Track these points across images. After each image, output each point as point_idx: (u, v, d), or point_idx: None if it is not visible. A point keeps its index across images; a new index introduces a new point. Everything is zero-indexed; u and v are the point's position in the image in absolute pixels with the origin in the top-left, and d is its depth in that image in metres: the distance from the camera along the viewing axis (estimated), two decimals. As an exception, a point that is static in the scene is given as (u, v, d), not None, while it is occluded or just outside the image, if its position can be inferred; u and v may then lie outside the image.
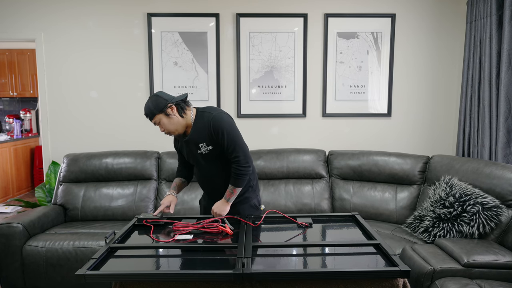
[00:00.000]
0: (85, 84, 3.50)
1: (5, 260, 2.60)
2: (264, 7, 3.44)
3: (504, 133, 2.82)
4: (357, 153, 3.26)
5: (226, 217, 2.06)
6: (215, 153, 2.04)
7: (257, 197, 2.26)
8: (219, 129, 1.97)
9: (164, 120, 1.98)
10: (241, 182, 2.05)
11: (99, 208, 3.11)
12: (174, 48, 3.45)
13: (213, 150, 2.03)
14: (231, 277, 1.43)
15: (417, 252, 2.24)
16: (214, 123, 1.98)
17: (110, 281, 1.47)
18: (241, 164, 2.01)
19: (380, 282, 1.50)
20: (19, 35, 3.44)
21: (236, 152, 2.00)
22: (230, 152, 2.01)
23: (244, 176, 2.04)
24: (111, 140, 3.56)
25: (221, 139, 1.99)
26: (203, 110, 2.07)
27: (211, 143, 2.02)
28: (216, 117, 1.99)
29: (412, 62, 3.53)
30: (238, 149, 2.01)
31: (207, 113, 2.03)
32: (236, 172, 2.02)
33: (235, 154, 2.01)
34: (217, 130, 1.97)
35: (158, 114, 1.97)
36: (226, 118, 2.01)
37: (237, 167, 2.02)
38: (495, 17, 2.88)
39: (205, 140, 2.02)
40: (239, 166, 2.01)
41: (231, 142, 1.99)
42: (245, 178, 2.04)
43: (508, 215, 2.38)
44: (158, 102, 1.96)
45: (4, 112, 6.57)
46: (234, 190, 2.06)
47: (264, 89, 3.52)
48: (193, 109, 2.07)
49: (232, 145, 1.99)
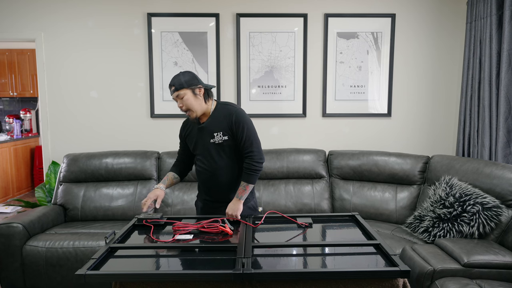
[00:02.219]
0: (85, 84, 3.50)
1: (5, 260, 2.60)
2: (264, 7, 3.44)
3: (504, 133, 2.82)
4: (357, 153, 3.26)
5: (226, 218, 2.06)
6: (228, 144, 2.08)
7: (254, 199, 2.26)
8: (240, 123, 2.05)
9: (189, 96, 2.02)
10: (254, 178, 2.09)
11: (99, 208, 3.11)
12: (174, 48, 3.45)
13: (228, 141, 2.08)
14: (231, 277, 1.43)
15: (417, 252, 2.24)
16: (237, 115, 2.06)
17: (110, 281, 1.47)
18: (255, 160, 2.07)
19: (380, 282, 1.50)
20: (19, 35, 3.44)
21: (252, 147, 2.07)
22: (247, 147, 2.07)
23: (257, 173, 2.09)
24: (111, 140, 3.56)
25: (240, 132, 2.06)
26: (225, 103, 2.16)
27: (228, 134, 2.07)
28: (239, 111, 2.09)
29: (412, 62, 3.53)
30: (255, 144, 2.09)
31: (230, 106, 2.12)
32: (250, 168, 2.07)
33: (251, 149, 2.07)
34: (239, 123, 2.05)
35: (187, 88, 2.02)
36: (246, 115, 2.12)
37: (251, 162, 2.07)
38: (495, 17, 2.88)
39: (222, 130, 2.07)
40: (253, 161, 2.07)
41: (249, 137, 2.07)
42: (257, 174, 2.10)
43: (508, 215, 2.38)
44: (192, 78, 2.04)
45: (4, 112, 6.57)
46: (247, 187, 2.08)
47: (264, 89, 3.52)
48: (214, 102, 2.15)
49: (249, 140, 2.07)
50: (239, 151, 2.13)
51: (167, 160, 3.25)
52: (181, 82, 2.01)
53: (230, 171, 2.13)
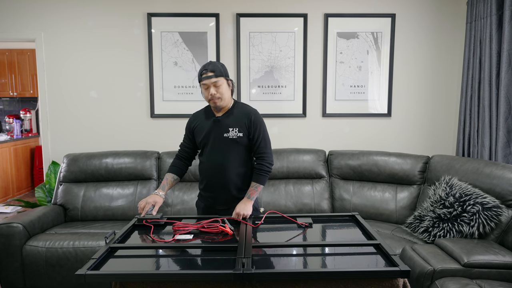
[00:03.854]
0: (85, 84, 3.50)
1: (5, 260, 2.60)
2: (264, 7, 3.44)
3: (504, 133, 2.82)
4: (357, 153, 3.26)
5: (226, 218, 2.06)
6: (241, 141, 2.11)
7: (256, 199, 2.25)
8: (258, 123, 2.12)
9: (225, 85, 2.08)
10: (265, 179, 2.14)
11: (99, 208, 3.11)
12: (174, 48, 3.45)
13: (242, 138, 2.11)
14: (231, 277, 1.43)
15: (417, 252, 2.24)
16: (256, 116, 2.14)
17: (110, 281, 1.47)
18: (267, 161, 2.14)
19: (380, 282, 1.50)
20: (19, 35, 3.44)
21: (265, 149, 2.14)
22: (260, 147, 2.13)
23: (268, 174, 2.14)
24: (111, 140, 3.56)
25: (257, 132, 2.12)
26: (243, 103, 2.23)
27: (243, 132, 2.11)
28: (257, 112, 2.17)
29: (412, 62, 3.53)
30: (269, 147, 2.17)
31: (249, 106, 2.20)
32: (262, 169, 2.12)
33: (264, 150, 2.14)
34: (257, 124, 2.12)
35: (225, 77, 2.08)
36: (261, 117, 2.19)
37: (263, 163, 2.13)
38: (495, 17, 2.88)
39: (239, 127, 2.11)
40: (266, 162, 2.13)
41: (264, 139, 2.14)
42: (267, 176, 2.15)
43: (508, 215, 2.38)
44: (226, 69, 2.12)
45: (4, 112, 6.57)
46: (259, 187, 2.12)
47: (264, 89, 3.52)
48: (232, 100, 2.20)
49: (264, 142, 2.14)
50: (249, 151, 2.17)
51: (167, 160, 3.25)
52: (221, 71, 2.06)
53: (236, 167, 2.13)
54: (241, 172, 2.15)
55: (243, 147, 2.13)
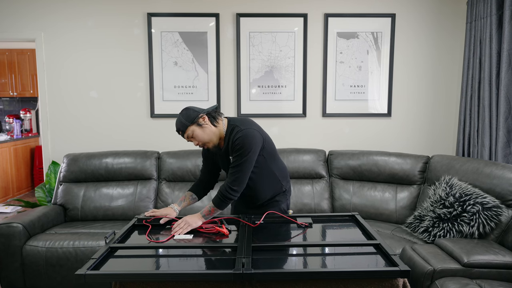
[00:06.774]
0: (85, 84, 3.50)
1: (5, 260, 2.60)
2: (264, 7, 3.44)
3: (504, 133, 2.82)
4: (357, 153, 3.26)
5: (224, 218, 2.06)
6: None
7: (287, 201, 2.24)
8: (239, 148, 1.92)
9: (197, 131, 1.94)
10: (224, 205, 1.96)
11: (99, 208, 3.11)
12: (174, 48, 3.45)
13: None
14: (231, 277, 1.43)
15: (417, 252, 2.24)
16: (239, 140, 1.92)
17: (110, 281, 1.48)
18: (231, 186, 1.93)
19: (380, 282, 1.50)
20: (19, 35, 3.44)
21: (236, 174, 1.93)
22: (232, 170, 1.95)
23: (228, 201, 1.95)
24: (111, 140, 3.56)
25: (235, 155, 1.94)
26: (234, 123, 2.01)
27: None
28: (243, 136, 1.93)
29: (412, 62, 3.53)
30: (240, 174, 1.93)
31: (236, 127, 1.97)
32: (222, 192, 1.94)
33: (235, 175, 1.93)
34: (237, 149, 1.93)
35: (191, 125, 1.93)
36: (250, 139, 1.93)
37: (227, 186, 1.94)
38: (495, 17, 2.88)
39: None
40: (230, 186, 1.93)
41: (238, 165, 1.93)
42: (228, 203, 1.96)
43: (508, 215, 2.38)
44: (189, 114, 1.94)
45: (4, 112, 6.57)
46: (213, 209, 1.96)
47: (264, 89, 3.52)
48: (225, 120, 2.04)
49: (238, 167, 1.93)
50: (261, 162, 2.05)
51: (167, 160, 3.25)
52: (183, 123, 1.93)
53: (258, 184, 2.09)
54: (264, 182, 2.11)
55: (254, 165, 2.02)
